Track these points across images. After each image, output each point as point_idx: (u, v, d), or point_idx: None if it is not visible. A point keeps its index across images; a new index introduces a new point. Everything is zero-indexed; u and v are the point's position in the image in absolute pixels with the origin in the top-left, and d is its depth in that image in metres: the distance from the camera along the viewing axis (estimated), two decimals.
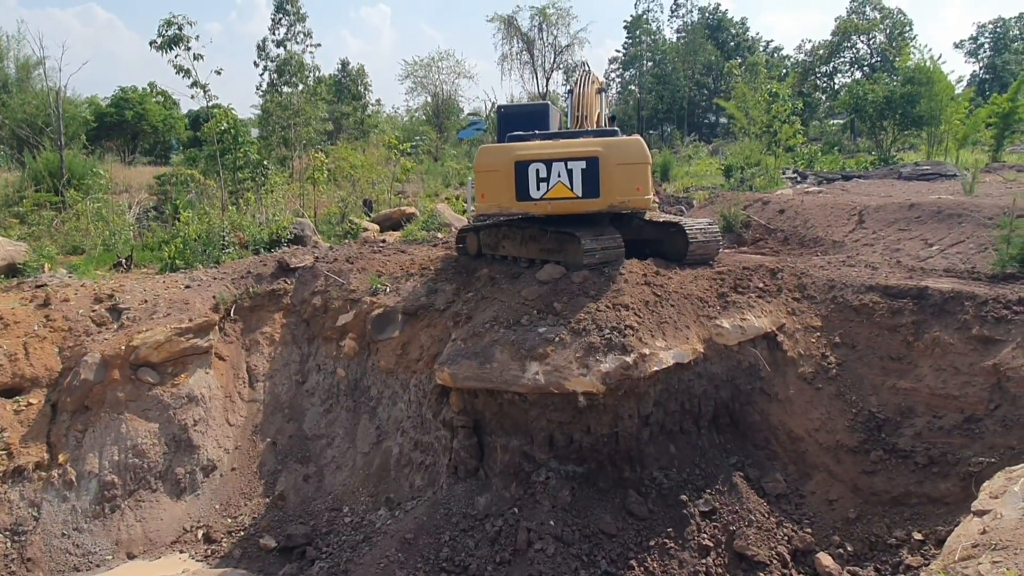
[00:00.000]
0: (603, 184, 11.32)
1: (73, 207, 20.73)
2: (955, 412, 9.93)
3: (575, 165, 11.31)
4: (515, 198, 11.41)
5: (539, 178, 11.32)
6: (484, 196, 11.57)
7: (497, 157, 11.55)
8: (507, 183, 11.39)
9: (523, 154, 11.38)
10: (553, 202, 11.45)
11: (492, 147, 11.86)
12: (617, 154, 11.35)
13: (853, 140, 44.13)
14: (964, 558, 5.64)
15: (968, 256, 12.68)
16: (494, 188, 11.49)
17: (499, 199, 11.50)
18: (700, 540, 9.56)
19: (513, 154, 11.41)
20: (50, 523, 10.86)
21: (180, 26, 18.20)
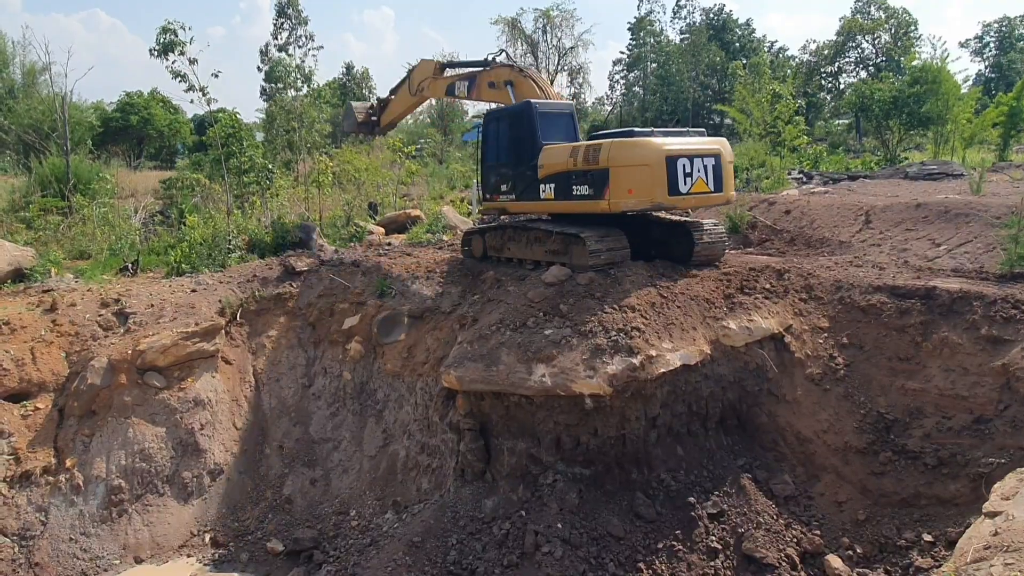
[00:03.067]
0: (725, 180, 11.89)
1: (79, 212, 20.78)
2: (964, 413, 9.87)
3: (708, 161, 11.66)
4: (667, 192, 11.35)
5: (685, 173, 11.44)
6: (632, 191, 11.22)
7: (648, 152, 11.28)
8: (659, 177, 11.24)
9: (672, 149, 11.35)
10: (696, 196, 11.71)
11: (637, 142, 11.52)
12: (727, 152, 12.11)
13: (859, 140, 44.01)
14: (976, 560, 5.59)
15: (976, 256, 12.62)
16: (644, 183, 11.21)
17: (651, 194, 11.27)
18: (708, 542, 9.52)
19: (663, 149, 11.31)
20: (57, 528, 10.88)
21: (175, 31, 18.25)
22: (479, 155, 14.29)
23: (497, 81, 13.96)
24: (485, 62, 14.40)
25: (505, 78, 13.80)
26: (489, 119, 14.20)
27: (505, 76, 13.84)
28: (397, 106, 17.28)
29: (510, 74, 13.85)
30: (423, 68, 15.95)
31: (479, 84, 14.30)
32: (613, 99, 71.07)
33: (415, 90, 16.15)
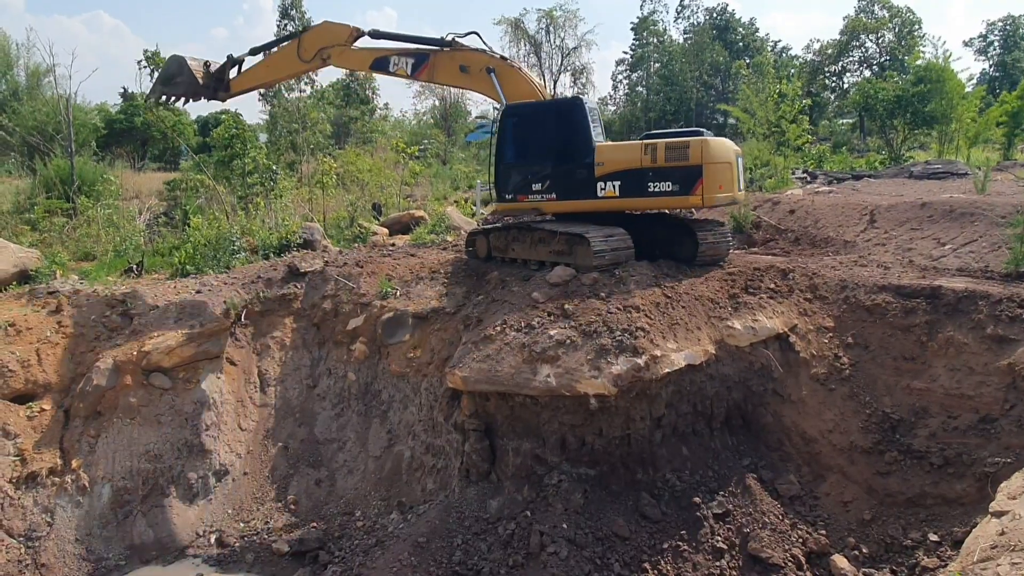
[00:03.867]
0: (744, 180, 13.02)
1: (84, 213, 20.85)
2: (970, 412, 9.85)
3: (742, 161, 12.89)
4: (737, 189, 12.43)
5: (739, 171, 12.55)
6: (721, 187, 11.85)
7: (728, 150, 12.20)
8: (735, 175, 12.27)
9: (736, 149, 12.58)
10: (740, 194, 12.83)
11: (723, 141, 12.34)
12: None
13: (863, 139, 43.96)
14: (982, 560, 5.59)
15: (981, 255, 12.60)
16: (728, 179, 12.02)
17: (732, 189, 12.18)
18: (714, 542, 9.51)
19: (734, 148, 12.48)
20: (64, 529, 10.90)
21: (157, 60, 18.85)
22: (493, 153, 13.36)
23: (472, 67, 12.99)
24: (442, 41, 13.05)
25: (485, 64, 12.86)
26: (512, 115, 12.95)
27: (484, 63, 12.88)
28: (269, 71, 14.83)
29: (491, 61, 12.89)
30: (329, 32, 13.75)
31: (433, 65, 13.06)
32: (616, 99, 71.07)
33: (311, 56, 13.69)
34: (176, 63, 14.81)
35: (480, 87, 13.18)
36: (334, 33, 13.63)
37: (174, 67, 14.78)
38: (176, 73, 14.69)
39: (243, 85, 14.83)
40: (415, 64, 13.12)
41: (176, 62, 14.83)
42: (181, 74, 14.61)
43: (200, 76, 14.59)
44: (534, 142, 12.80)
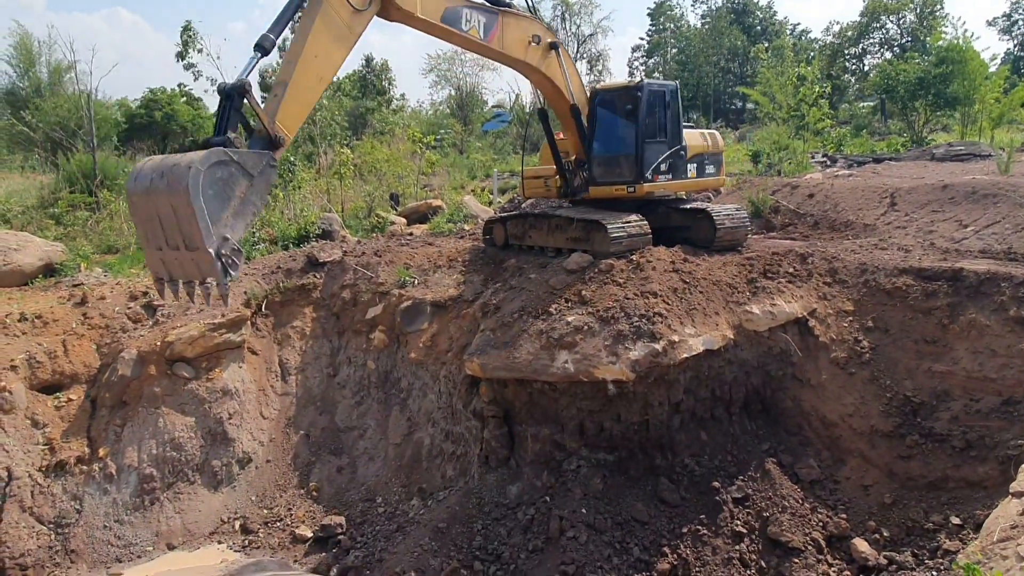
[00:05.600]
0: None
1: (107, 207, 21.09)
2: (993, 395, 9.77)
3: None
4: None
5: None
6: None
7: None
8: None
9: None
10: None
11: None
12: None
13: (884, 122, 43.36)
14: (1003, 539, 5.56)
15: (1004, 236, 12.43)
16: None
17: None
18: (733, 526, 9.53)
19: None
20: (92, 515, 11.12)
21: (193, 30, 18.78)
22: (632, 134, 12.51)
23: (543, 38, 11.72)
24: (503, 1, 11.13)
25: (551, 39, 11.89)
26: (649, 94, 12.44)
27: (551, 38, 11.88)
28: (313, 64, 8.53)
29: (554, 37, 12.00)
30: None
31: (503, 28, 11.04)
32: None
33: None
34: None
35: (548, 67, 11.90)
36: None
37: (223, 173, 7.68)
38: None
39: (291, 116, 8.34)
40: (487, 25, 10.85)
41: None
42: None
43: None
44: (659, 124, 12.77)
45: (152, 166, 7.35)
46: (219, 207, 7.12)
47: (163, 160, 7.33)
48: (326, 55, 8.59)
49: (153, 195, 7.18)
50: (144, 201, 7.37)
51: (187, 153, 7.30)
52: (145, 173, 7.32)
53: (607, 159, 12.76)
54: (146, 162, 7.45)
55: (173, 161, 7.19)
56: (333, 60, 8.84)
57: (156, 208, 7.27)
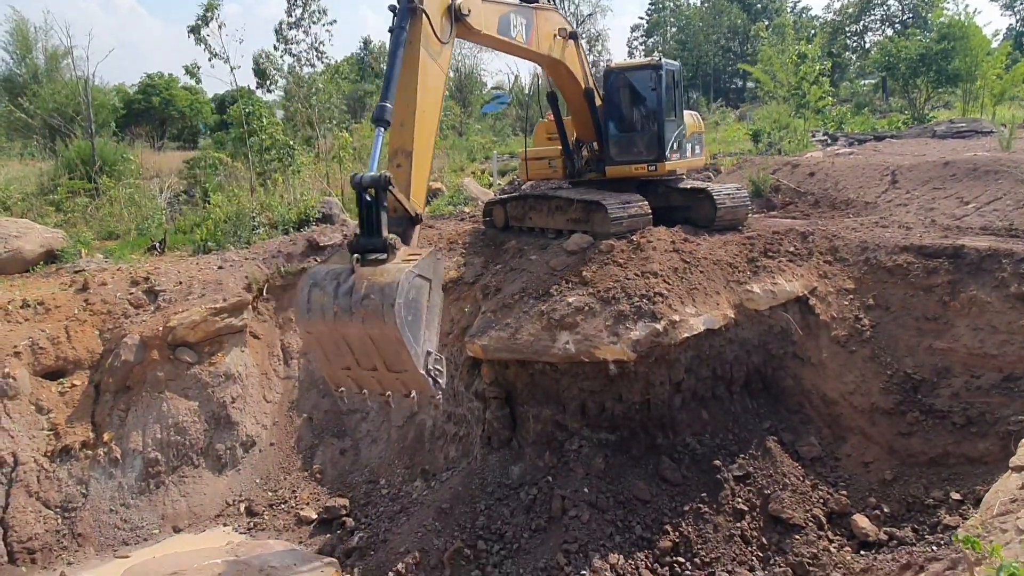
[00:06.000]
0: None
1: (106, 193, 21.07)
2: (993, 371, 9.79)
3: None
4: None
5: None
6: None
7: None
8: None
9: None
10: None
11: None
12: None
13: (885, 100, 43.15)
14: (1002, 513, 5.60)
15: (1006, 213, 12.41)
16: None
17: None
18: (734, 504, 9.59)
19: None
20: (98, 499, 11.21)
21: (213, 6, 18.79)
22: (653, 111, 12.55)
23: (567, 29, 11.48)
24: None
25: (571, 30, 11.67)
26: (668, 74, 12.47)
27: (571, 28, 11.67)
28: (421, 115, 7.66)
29: (573, 27, 11.80)
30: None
31: (537, 27, 10.55)
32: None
33: (447, 31, 8.21)
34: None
35: (568, 56, 11.61)
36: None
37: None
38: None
39: (421, 185, 7.68)
40: (527, 26, 10.42)
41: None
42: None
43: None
44: (673, 102, 12.82)
45: (327, 292, 6.37)
46: (417, 327, 6.58)
47: (337, 284, 6.33)
48: (434, 102, 7.87)
49: (341, 326, 6.39)
50: (328, 330, 6.50)
51: (365, 277, 6.28)
52: (323, 303, 6.36)
53: (625, 138, 12.78)
54: (311, 288, 6.41)
55: (356, 289, 6.25)
56: (439, 104, 8.15)
57: (345, 336, 6.51)
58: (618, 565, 8.94)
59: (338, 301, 6.24)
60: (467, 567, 9.45)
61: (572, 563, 8.99)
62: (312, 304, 6.35)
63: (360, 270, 6.31)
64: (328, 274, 6.42)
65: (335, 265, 6.54)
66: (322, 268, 6.57)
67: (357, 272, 6.30)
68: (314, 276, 6.47)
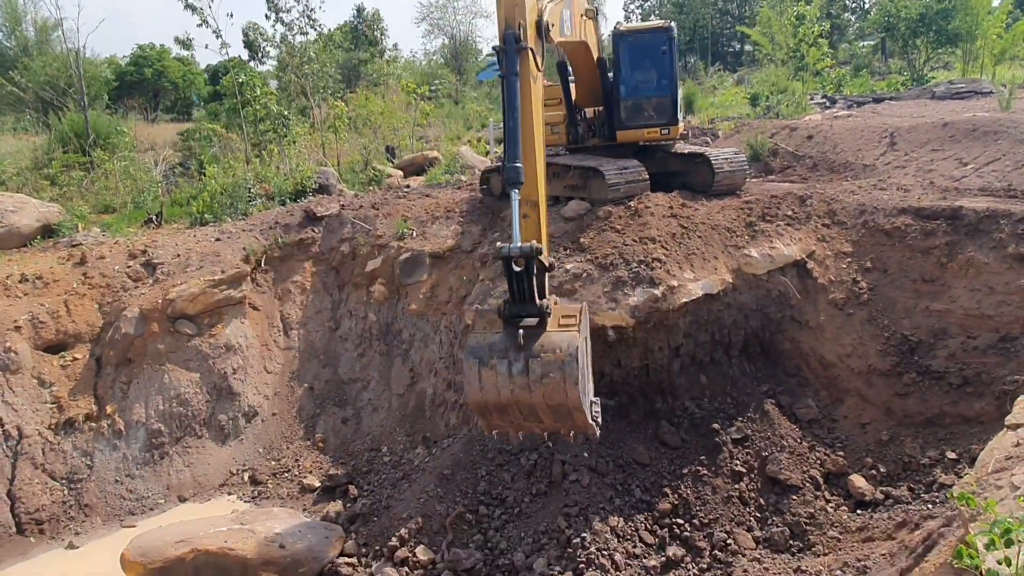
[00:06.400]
0: None
1: (101, 167, 20.94)
2: (990, 332, 9.84)
3: None
4: None
5: None
6: None
7: None
8: None
9: None
10: None
11: None
12: None
13: (884, 61, 42.73)
14: (997, 470, 5.67)
15: (1005, 174, 12.37)
16: None
17: None
18: (733, 466, 9.69)
19: None
20: (103, 471, 11.31)
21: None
22: (664, 77, 12.59)
23: (591, 12, 11.31)
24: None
25: (593, 11, 11.47)
26: (662, 36, 12.40)
27: (593, 10, 11.47)
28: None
29: (592, 5, 11.60)
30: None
31: (573, 14, 10.13)
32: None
33: (538, 42, 7.48)
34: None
35: (588, 34, 11.32)
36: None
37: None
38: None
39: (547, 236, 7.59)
40: (571, 16, 10.05)
41: None
42: None
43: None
44: (676, 66, 12.83)
45: (499, 373, 6.28)
46: (585, 383, 6.63)
47: (508, 364, 6.25)
48: (543, 143, 7.42)
49: (518, 400, 6.38)
50: (502, 403, 6.47)
51: (537, 354, 6.24)
52: (495, 383, 6.30)
53: (637, 102, 12.64)
54: (481, 369, 6.30)
55: (531, 368, 6.21)
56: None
57: (518, 404, 6.47)
58: (618, 527, 9.08)
59: (514, 380, 6.22)
60: (469, 531, 9.59)
61: (573, 526, 9.12)
62: (485, 384, 6.31)
63: (529, 346, 6.26)
64: (493, 351, 6.30)
65: (491, 337, 6.41)
66: (482, 344, 6.39)
67: (526, 348, 6.24)
68: (477, 354, 6.30)
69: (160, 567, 8.98)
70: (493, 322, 6.49)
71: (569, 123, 13.13)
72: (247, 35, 36.43)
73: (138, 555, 9.08)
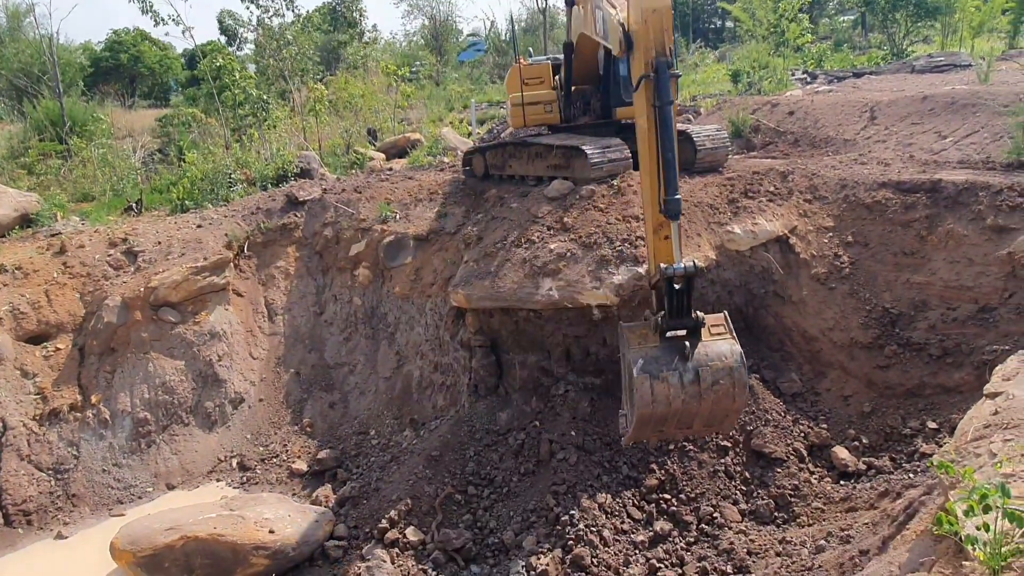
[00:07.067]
0: None
1: (78, 154, 20.70)
2: (969, 303, 9.96)
3: None
4: None
5: None
6: None
7: None
8: None
9: None
10: None
11: None
12: None
13: (864, 36, 42.75)
14: (976, 439, 5.75)
15: (983, 146, 12.45)
16: None
17: None
18: (718, 441, 9.79)
19: None
20: (90, 460, 11.29)
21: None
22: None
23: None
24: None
25: None
26: None
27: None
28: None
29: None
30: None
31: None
32: None
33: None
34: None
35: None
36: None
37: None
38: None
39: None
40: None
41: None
42: None
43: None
44: None
45: (671, 384, 6.45)
46: None
47: (679, 375, 6.48)
48: None
49: (688, 409, 6.57)
50: (670, 413, 6.63)
51: (704, 363, 6.50)
52: (667, 394, 6.46)
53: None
54: (653, 382, 6.41)
55: (702, 377, 6.47)
56: None
57: (682, 413, 6.65)
58: (606, 504, 9.17)
59: (686, 390, 6.46)
60: (458, 512, 9.66)
61: (561, 504, 9.20)
62: (657, 396, 6.47)
63: (694, 355, 6.52)
64: (661, 363, 6.50)
65: (653, 351, 6.59)
66: (647, 359, 6.53)
67: (692, 357, 6.50)
68: (647, 369, 6.46)
69: (150, 555, 8.99)
70: (645, 336, 6.73)
71: (566, 102, 13.05)
72: (221, 22, 35.92)
73: (127, 543, 9.09)
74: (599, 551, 8.66)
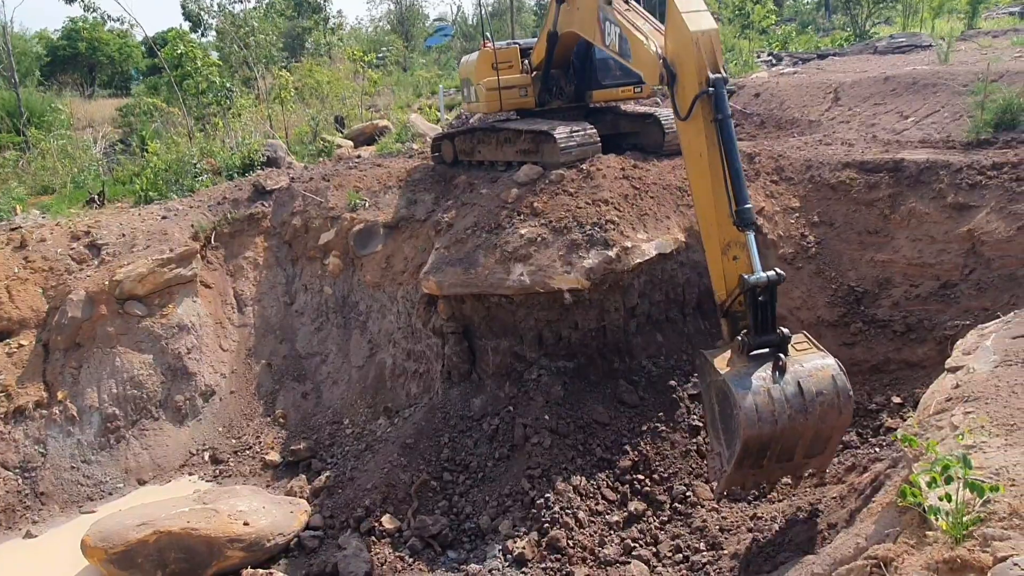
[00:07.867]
0: None
1: (37, 146, 20.22)
2: (931, 280, 10.17)
3: None
4: None
5: None
6: None
7: None
8: None
9: None
10: None
11: None
12: None
13: (828, 18, 43.15)
14: (938, 412, 5.90)
15: (943, 125, 12.66)
16: None
17: None
18: (690, 421, 9.91)
19: None
20: (58, 457, 11.12)
21: None
22: None
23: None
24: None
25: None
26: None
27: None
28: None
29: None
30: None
31: None
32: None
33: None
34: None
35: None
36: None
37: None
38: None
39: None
40: None
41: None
42: None
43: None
44: None
45: (773, 400, 6.27)
46: None
47: (780, 389, 6.31)
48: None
49: (792, 427, 6.35)
50: (775, 434, 6.38)
51: (802, 377, 6.36)
52: (772, 410, 6.26)
53: (610, 62, 12.29)
54: (755, 397, 6.23)
55: (805, 390, 6.31)
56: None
57: (784, 435, 6.41)
58: (580, 486, 9.24)
59: (791, 403, 6.28)
60: (434, 498, 9.69)
61: (536, 487, 9.26)
62: (762, 413, 6.27)
63: (792, 370, 6.39)
64: (758, 379, 6.35)
65: (745, 369, 6.44)
66: (742, 376, 6.38)
67: (790, 372, 6.37)
68: (744, 386, 6.30)
69: (122, 551, 8.89)
70: (730, 359, 6.63)
71: (543, 87, 12.96)
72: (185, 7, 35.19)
73: (99, 540, 8.98)
74: (575, 533, 8.75)
